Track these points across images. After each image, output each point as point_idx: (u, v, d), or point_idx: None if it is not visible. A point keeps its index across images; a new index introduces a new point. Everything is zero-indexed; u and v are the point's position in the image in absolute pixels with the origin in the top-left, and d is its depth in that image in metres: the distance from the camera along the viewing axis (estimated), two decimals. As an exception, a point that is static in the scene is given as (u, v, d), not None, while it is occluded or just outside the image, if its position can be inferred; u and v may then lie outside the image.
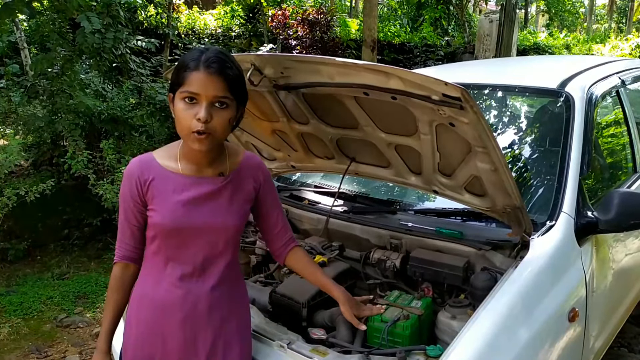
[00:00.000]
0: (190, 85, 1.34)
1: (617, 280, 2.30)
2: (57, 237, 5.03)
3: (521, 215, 1.76)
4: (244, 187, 1.54)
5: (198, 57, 1.35)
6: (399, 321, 1.68)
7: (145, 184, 1.45)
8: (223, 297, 1.51)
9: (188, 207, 1.45)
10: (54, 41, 4.70)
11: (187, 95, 1.35)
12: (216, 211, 1.47)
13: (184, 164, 1.48)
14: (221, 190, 1.49)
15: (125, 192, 1.48)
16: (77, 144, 4.59)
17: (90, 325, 3.60)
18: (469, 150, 1.67)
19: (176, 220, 1.43)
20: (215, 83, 1.34)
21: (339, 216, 2.27)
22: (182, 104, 1.36)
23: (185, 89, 1.35)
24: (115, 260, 1.54)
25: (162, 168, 1.47)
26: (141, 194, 1.46)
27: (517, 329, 1.58)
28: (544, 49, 13.72)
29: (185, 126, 1.36)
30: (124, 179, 1.49)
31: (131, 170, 1.48)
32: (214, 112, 1.35)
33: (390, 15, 14.27)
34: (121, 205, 1.50)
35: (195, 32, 9.90)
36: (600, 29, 29.82)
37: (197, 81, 1.33)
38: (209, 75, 1.33)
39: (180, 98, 1.36)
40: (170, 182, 1.46)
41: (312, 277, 1.73)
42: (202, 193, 1.46)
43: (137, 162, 1.49)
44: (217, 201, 1.48)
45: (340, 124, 1.98)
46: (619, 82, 2.75)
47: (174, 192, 1.45)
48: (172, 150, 1.51)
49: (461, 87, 1.37)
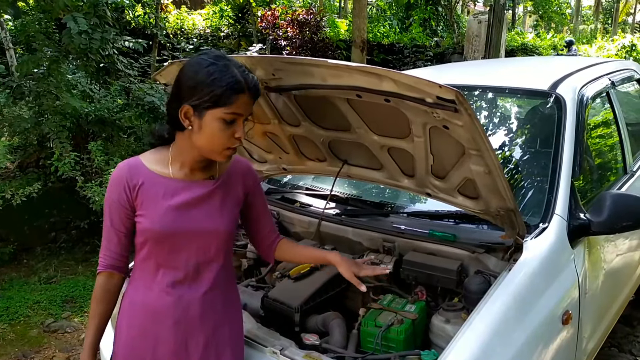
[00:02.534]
0: (238, 107, 1.35)
1: (608, 281, 2.31)
2: (44, 240, 4.96)
3: (515, 218, 1.75)
4: (233, 191, 1.53)
5: (240, 78, 1.34)
6: (393, 326, 1.67)
7: (135, 189, 1.42)
8: (216, 303, 1.48)
9: (179, 211, 1.42)
10: (40, 42, 4.62)
11: (231, 117, 1.35)
12: (207, 215, 1.45)
13: (176, 168, 1.46)
14: (212, 193, 1.47)
15: (112, 198, 1.44)
16: (64, 146, 4.52)
17: (78, 330, 3.55)
18: (462, 152, 1.66)
19: (167, 225, 1.40)
20: (253, 102, 1.40)
21: (331, 219, 2.25)
22: (221, 124, 1.35)
23: (232, 110, 1.35)
24: (100, 270, 1.49)
25: (150, 172, 1.45)
26: (130, 199, 1.43)
27: (512, 333, 1.57)
28: (532, 49, 13.82)
29: (221, 144, 1.37)
30: (112, 184, 1.45)
31: (120, 175, 1.44)
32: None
33: (380, 16, 14.28)
34: (107, 211, 1.46)
35: (183, 32, 9.84)
36: (586, 29, 30.13)
37: (243, 103, 1.36)
38: (252, 97, 1.38)
39: (219, 117, 1.35)
40: (160, 186, 1.43)
41: (305, 257, 1.74)
42: (193, 197, 1.44)
43: (125, 167, 1.46)
44: (208, 205, 1.46)
45: (333, 126, 1.96)
46: (609, 83, 2.77)
47: (164, 196, 1.42)
48: (161, 155, 1.48)
49: (456, 90, 1.36)
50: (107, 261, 1.48)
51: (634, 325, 3.46)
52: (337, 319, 1.80)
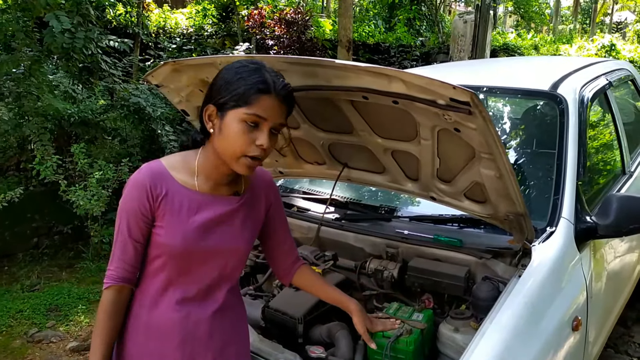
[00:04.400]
0: (260, 109, 1.25)
1: (611, 283, 2.28)
2: (25, 246, 4.80)
3: (524, 223, 1.70)
4: (256, 208, 1.45)
5: (268, 79, 1.26)
6: (401, 336, 1.61)
7: (158, 199, 1.30)
8: (225, 322, 1.40)
9: (201, 229, 1.32)
10: (20, 41, 4.47)
11: (253, 119, 1.25)
12: (229, 235, 1.36)
13: (202, 180, 1.35)
14: (236, 211, 1.38)
15: (133, 206, 1.30)
16: (46, 149, 4.38)
17: (64, 340, 3.42)
18: (472, 156, 1.60)
19: (188, 244, 1.30)
20: (282, 110, 1.30)
21: (331, 224, 2.18)
22: (242, 126, 1.25)
23: (254, 111, 1.25)
24: (110, 283, 1.33)
25: (175, 182, 1.33)
26: (152, 208, 1.30)
27: (525, 343, 1.52)
28: (513, 49, 13.92)
29: (239, 149, 1.26)
30: (132, 189, 1.31)
31: (142, 181, 1.31)
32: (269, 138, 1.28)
33: (365, 15, 14.24)
34: (124, 219, 1.32)
35: (166, 31, 9.67)
36: (565, 29, 30.53)
37: (268, 106, 1.26)
38: (280, 103, 1.28)
39: (240, 118, 1.25)
40: (185, 199, 1.32)
41: (323, 294, 1.66)
42: (217, 214, 1.35)
43: (148, 172, 1.32)
44: (230, 223, 1.37)
45: (334, 129, 1.89)
46: (606, 83, 2.74)
47: (189, 211, 1.32)
48: (187, 163, 1.36)
49: (471, 91, 1.29)
50: (119, 273, 1.33)
51: (628, 326, 3.46)
52: (343, 329, 1.73)
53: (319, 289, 1.64)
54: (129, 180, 1.34)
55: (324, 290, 1.64)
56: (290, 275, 1.60)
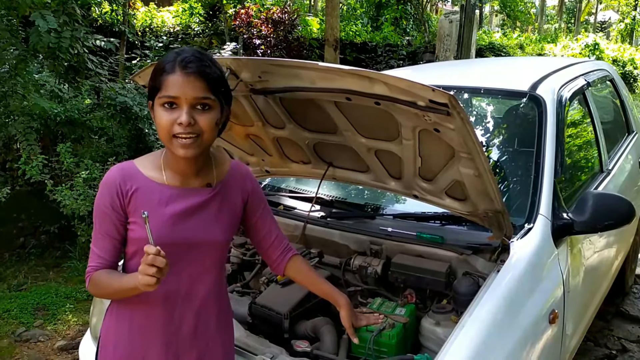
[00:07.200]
0: (168, 89, 1.27)
1: (588, 278, 2.35)
2: (11, 246, 4.77)
3: (502, 219, 1.76)
4: (231, 199, 1.46)
5: (174, 58, 1.28)
6: (384, 330, 1.66)
7: (127, 195, 1.34)
8: (209, 318, 1.43)
9: (173, 221, 1.35)
10: (6, 40, 4.45)
11: (166, 101, 1.27)
12: (203, 226, 1.38)
13: (169, 174, 1.38)
14: (208, 202, 1.40)
15: (104, 203, 1.35)
16: (32, 148, 4.36)
17: (52, 339, 3.43)
18: (452, 155, 1.66)
19: (160, 236, 1.31)
20: (194, 84, 1.27)
21: (316, 222, 2.23)
22: (162, 110, 1.28)
23: (164, 93, 1.27)
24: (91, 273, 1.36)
25: (145, 178, 1.37)
26: (123, 204, 1.34)
27: (503, 336, 1.58)
28: (499, 48, 14.08)
29: (166, 131, 1.28)
30: (102, 188, 1.36)
31: (112, 179, 1.35)
32: (196, 115, 1.28)
33: (352, 14, 14.31)
34: (98, 218, 1.37)
35: (152, 30, 9.64)
36: (550, 29, 30.87)
37: (175, 84, 1.26)
38: (186, 77, 1.26)
39: (159, 104, 1.29)
40: (155, 193, 1.36)
41: (315, 287, 1.70)
42: (188, 206, 1.37)
43: (117, 171, 1.37)
44: (204, 214, 1.39)
45: (318, 129, 1.93)
46: (584, 83, 2.82)
47: (159, 204, 1.35)
48: (155, 160, 1.40)
49: (449, 94, 1.35)
50: (99, 267, 1.36)
51: (608, 320, 3.54)
52: (328, 324, 1.78)
53: (311, 281, 1.68)
54: (101, 182, 1.38)
55: (315, 283, 1.68)
56: (282, 266, 1.61)
